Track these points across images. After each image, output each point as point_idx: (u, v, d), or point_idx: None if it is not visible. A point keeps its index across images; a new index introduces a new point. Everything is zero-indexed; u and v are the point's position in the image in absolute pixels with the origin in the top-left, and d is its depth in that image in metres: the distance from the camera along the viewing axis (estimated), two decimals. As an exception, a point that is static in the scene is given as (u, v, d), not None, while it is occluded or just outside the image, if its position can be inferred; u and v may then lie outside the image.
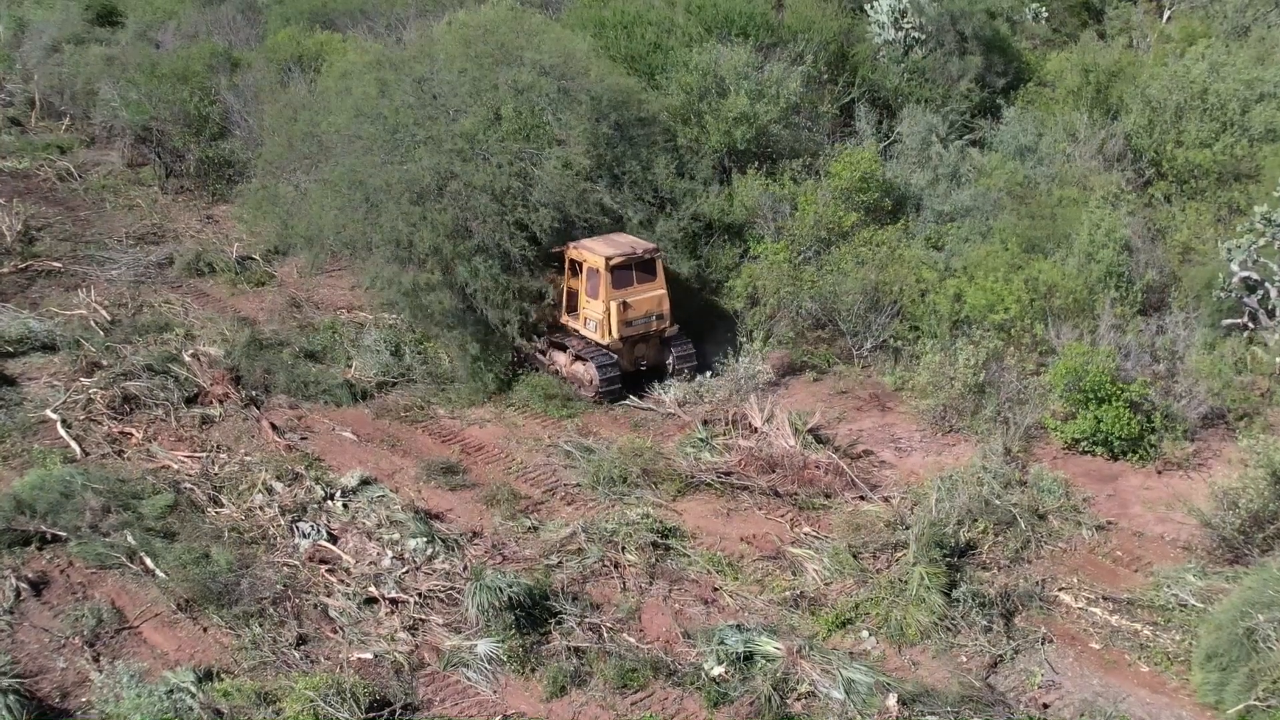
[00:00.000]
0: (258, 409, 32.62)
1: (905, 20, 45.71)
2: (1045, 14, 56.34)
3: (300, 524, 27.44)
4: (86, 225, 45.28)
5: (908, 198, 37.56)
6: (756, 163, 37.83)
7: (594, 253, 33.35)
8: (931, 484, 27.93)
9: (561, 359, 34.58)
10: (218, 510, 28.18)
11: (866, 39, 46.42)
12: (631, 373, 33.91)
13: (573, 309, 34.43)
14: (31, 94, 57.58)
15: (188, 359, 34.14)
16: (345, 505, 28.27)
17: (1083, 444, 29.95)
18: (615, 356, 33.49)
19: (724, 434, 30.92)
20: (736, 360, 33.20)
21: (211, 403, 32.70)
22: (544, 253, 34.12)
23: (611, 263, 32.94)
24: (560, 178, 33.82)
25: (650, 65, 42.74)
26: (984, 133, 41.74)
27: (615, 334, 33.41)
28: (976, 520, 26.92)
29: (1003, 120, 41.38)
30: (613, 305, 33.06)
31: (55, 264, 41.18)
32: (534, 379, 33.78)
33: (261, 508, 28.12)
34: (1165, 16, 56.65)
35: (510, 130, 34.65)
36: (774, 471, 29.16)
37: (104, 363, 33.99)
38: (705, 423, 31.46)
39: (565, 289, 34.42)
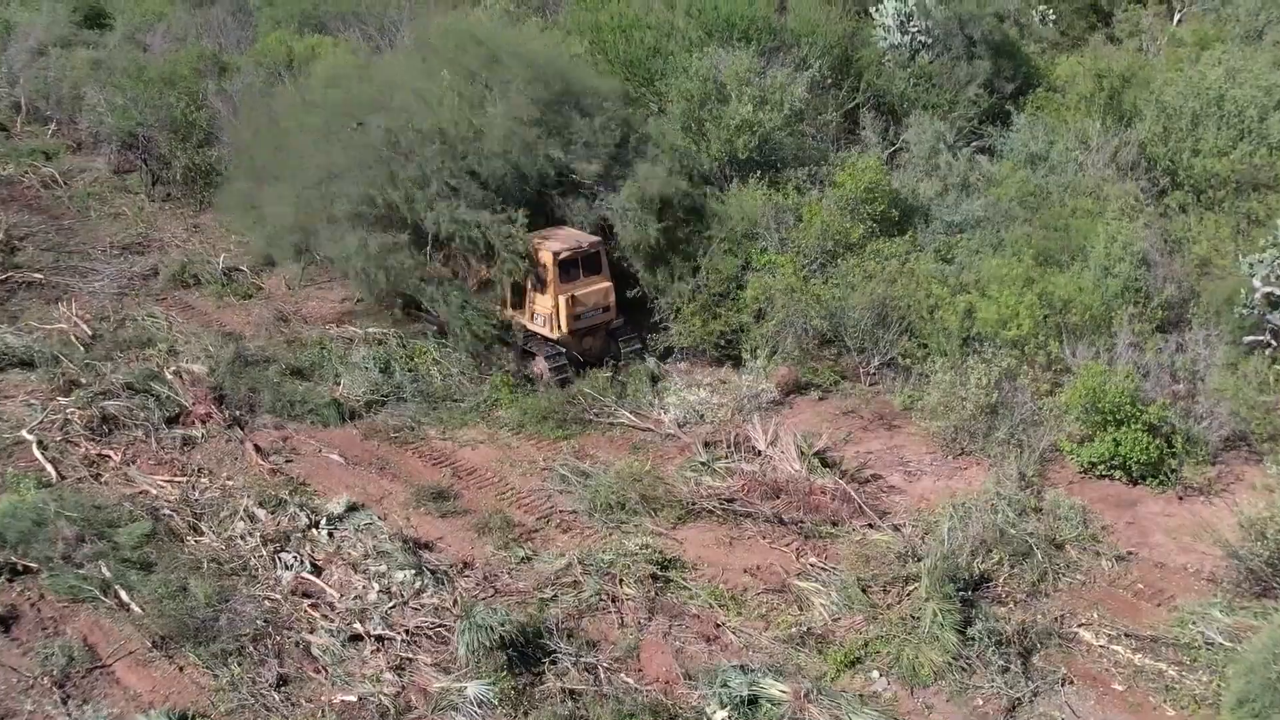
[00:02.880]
0: (242, 430, 31.41)
1: (911, 24, 44.44)
2: (1053, 16, 55.01)
3: (283, 554, 26.28)
4: (70, 234, 44.01)
5: (915, 208, 36.26)
6: (759, 172, 36.52)
7: (541, 248, 33.21)
8: (943, 511, 26.81)
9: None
10: (197, 539, 26.99)
11: (871, 43, 45.11)
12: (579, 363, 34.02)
13: (519, 304, 34.22)
14: (17, 98, 56.27)
15: (170, 377, 32.90)
16: (330, 534, 27.09)
17: (1100, 468, 28.73)
18: (563, 349, 33.62)
19: (726, 456, 29.68)
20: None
21: (193, 423, 31.50)
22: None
23: (559, 257, 33.03)
24: (505, 124, 33.96)
25: (649, 70, 41.53)
26: (993, 140, 40.42)
27: (565, 328, 33.40)
28: (991, 551, 25.77)
29: (1013, 127, 40.01)
30: (561, 300, 33.05)
31: (36, 275, 39.89)
32: (527, 400, 32.46)
33: (243, 536, 26.94)
34: (1176, 19, 55.36)
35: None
36: (778, 497, 27.96)
37: (83, 381, 32.76)
38: (707, 444, 30.25)
39: (511, 284, 34.22)
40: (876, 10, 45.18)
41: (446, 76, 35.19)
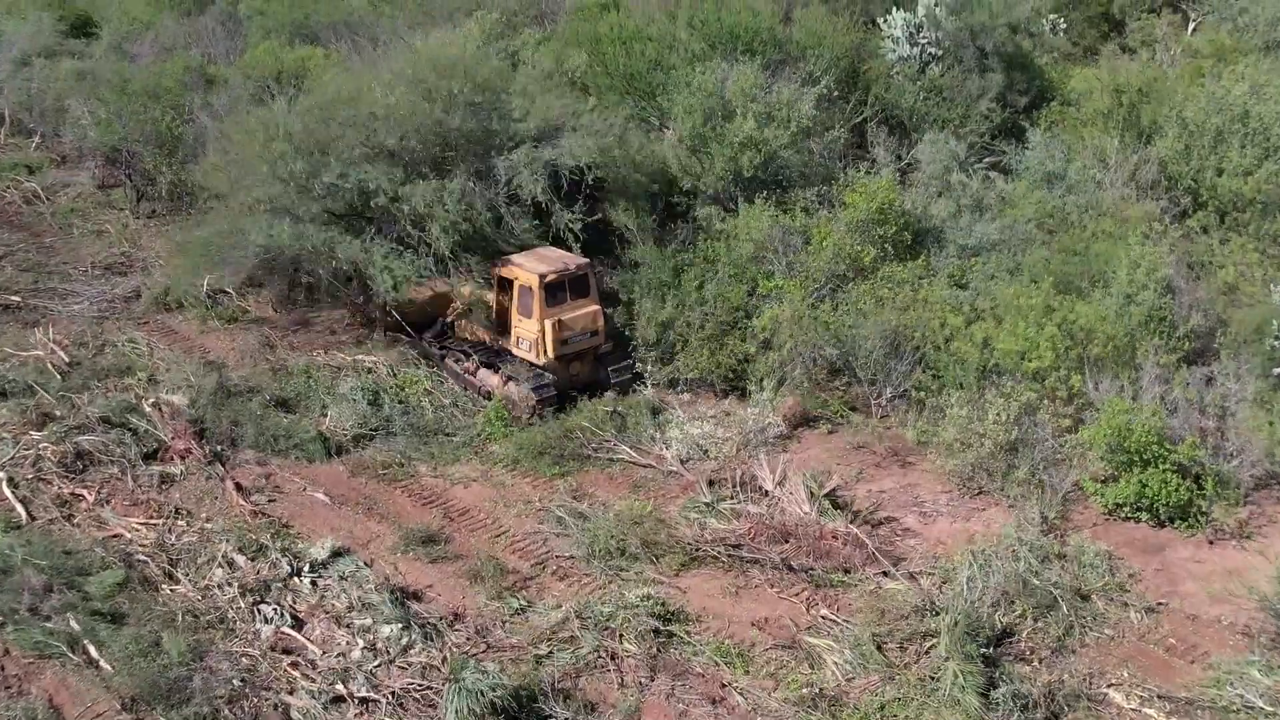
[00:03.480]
0: (223, 466, 29.90)
1: (921, 35, 42.98)
2: (1064, 25, 53.50)
3: (263, 606, 24.74)
4: (51, 253, 42.54)
5: (928, 230, 34.76)
6: (765, 191, 35.06)
7: (525, 270, 32.24)
8: (962, 559, 25.31)
9: (494, 380, 33.11)
10: (172, 588, 25.49)
11: (879, 55, 43.68)
12: (566, 390, 32.77)
13: (504, 328, 33.13)
14: (0, 110, 54.66)
15: (148, 409, 31.35)
16: (314, 583, 25.58)
17: (1125, 509, 27.25)
18: (550, 376, 32.33)
19: (731, 497, 28.13)
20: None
21: (172, 459, 29.99)
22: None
23: (546, 280, 31.82)
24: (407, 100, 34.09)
25: (650, 85, 40.09)
26: (1008, 158, 38.92)
27: (551, 354, 32.25)
28: (1013, 603, 24.30)
29: (1028, 144, 38.50)
30: (547, 324, 31.90)
31: (14, 298, 38.37)
32: (523, 435, 30.95)
33: (221, 585, 25.41)
34: (1190, 28, 53.93)
35: None
36: (787, 541, 26.44)
37: (57, 413, 31.20)
38: (711, 483, 28.70)
39: (495, 307, 33.29)
40: (885, 21, 43.75)
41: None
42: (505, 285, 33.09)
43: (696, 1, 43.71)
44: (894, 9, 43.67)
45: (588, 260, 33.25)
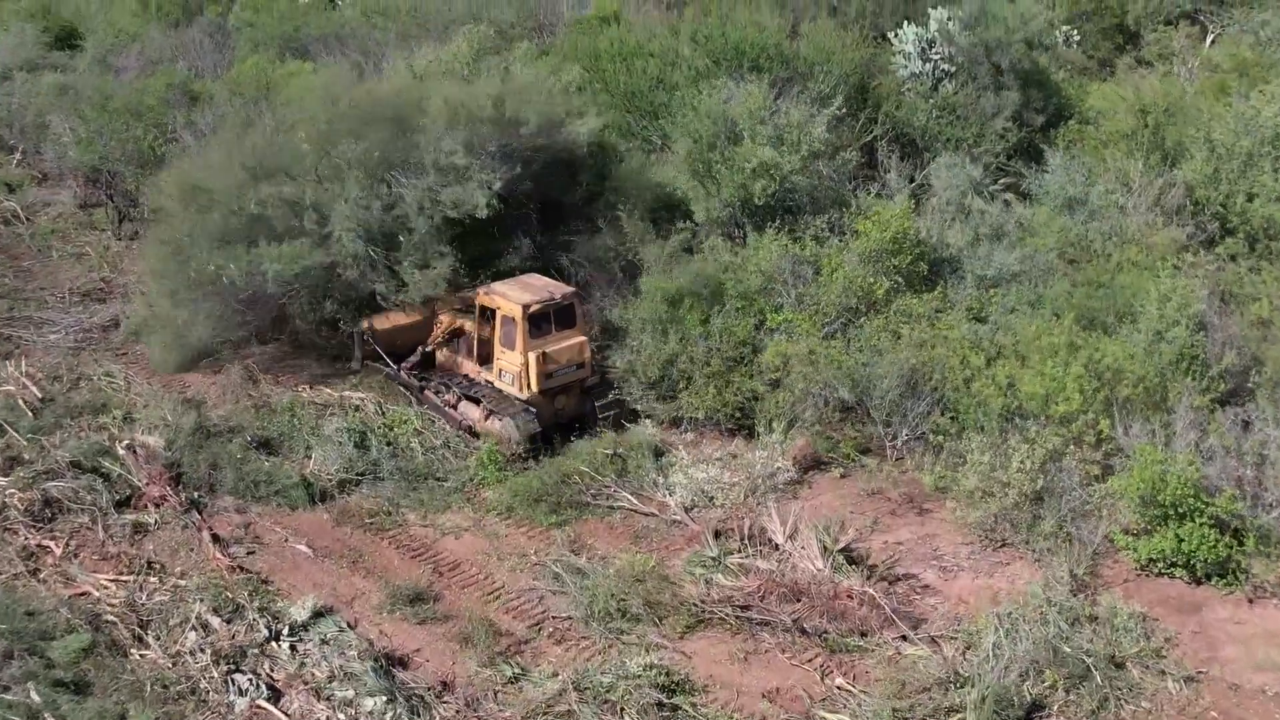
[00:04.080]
0: (199, 514, 28.20)
1: (934, 51, 41.38)
2: (1077, 37, 51.89)
3: (237, 675, 23.01)
4: (29, 277, 40.88)
5: (944, 259, 33.08)
6: (774, 219, 33.38)
7: (508, 299, 30.87)
8: (987, 622, 23.59)
9: (475, 413, 31.60)
10: (141, 653, 23.72)
11: (890, 71, 42.09)
12: (551, 425, 31.16)
13: (485, 360, 31.64)
14: (-19, 125, 53.01)
15: (122, 452, 29.65)
16: (293, 648, 23.85)
17: (1159, 564, 25.57)
18: (534, 410, 30.72)
19: (740, 550, 26.44)
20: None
21: (146, 507, 28.29)
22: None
23: (529, 310, 30.37)
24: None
25: (652, 104, 38.47)
26: (1027, 182, 37.22)
27: (535, 387, 30.72)
28: (1043, 672, 22.58)
29: (1047, 167, 36.79)
30: (531, 357, 30.44)
31: (-14, 327, 36.74)
32: (519, 481, 29.23)
33: (193, 651, 23.63)
34: (1209, 41, 52.27)
35: None
36: (799, 600, 24.79)
37: (26, 457, 29.49)
38: (717, 534, 27.03)
39: (476, 338, 31.90)
40: (895, 36, 42.20)
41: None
42: (487, 315, 31.62)
43: (700, 16, 42.22)
44: (905, 23, 42.12)
45: (574, 289, 31.94)
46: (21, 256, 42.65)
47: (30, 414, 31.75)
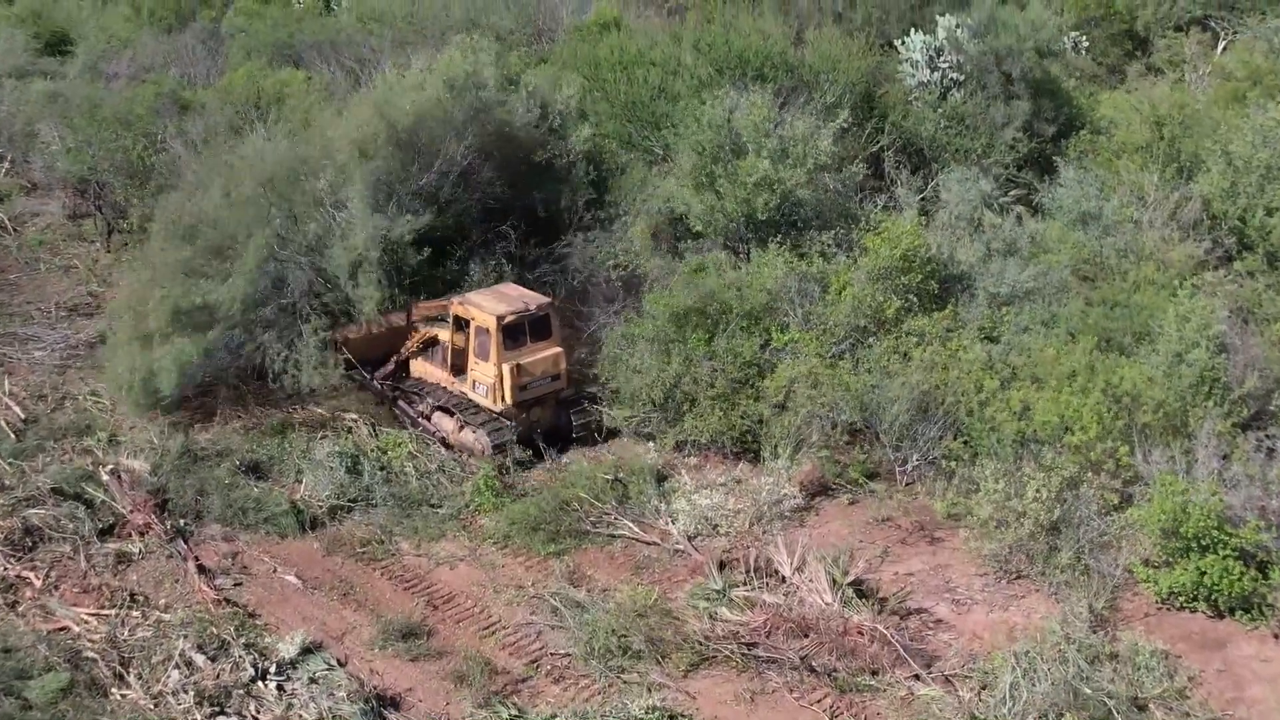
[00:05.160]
0: (185, 543, 27.25)
1: (942, 59, 40.41)
2: (1086, 44, 50.91)
3: (221, 717, 22.11)
4: (15, 291, 39.81)
5: (955, 276, 32.09)
6: (779, 234, 32.42)
7: (482, 309, 30.55)
8: (1003, 661, 22.60)
9: (448, 424, 31.30)
10: (122, 693, 22.81)
11: (897, 80, 41.08)
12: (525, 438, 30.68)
13: (459, 371, 31.33)
14: (-31, 133, 51.84)
15: (105, 477, 28.68)
16: (280, 687, 22.88)
17: (1181, 598, 24.60)
18: (508, 423, 30.41)
19: (745, 582, 25.46)
20: None
21: (130, 535, 27.38)
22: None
23: (504, 321, 30.09)
24: None
25: (654, 114, 37.47)
26: (1040, 195, 36.23)
27: (509, 399, 30.43)
28: (1063, 715, 21.56)
29: (1059, 180, 35.78)
30: (505, 368, 30.17)
31: (-32, 343, 35.73)
32: (516, 508, 28.24)
33: (175, 692, 22.70)
34: (1220, 48, 51.30)
35: None
36: (807, 636, 23.80)
37: (6, 483, 28.54)
38: (722, 565, 26.08)
39: (451, 348, 31.47)
40: (903, 44, 41.18)
41: None
42: (461, 325, 31.05)
43: (703, 23, 41.23)
44: (912, 31, 41.12)
45: (549, 300, 31.42)
46: (8, 269, 41.56)
47: (12, 436, 30.94)
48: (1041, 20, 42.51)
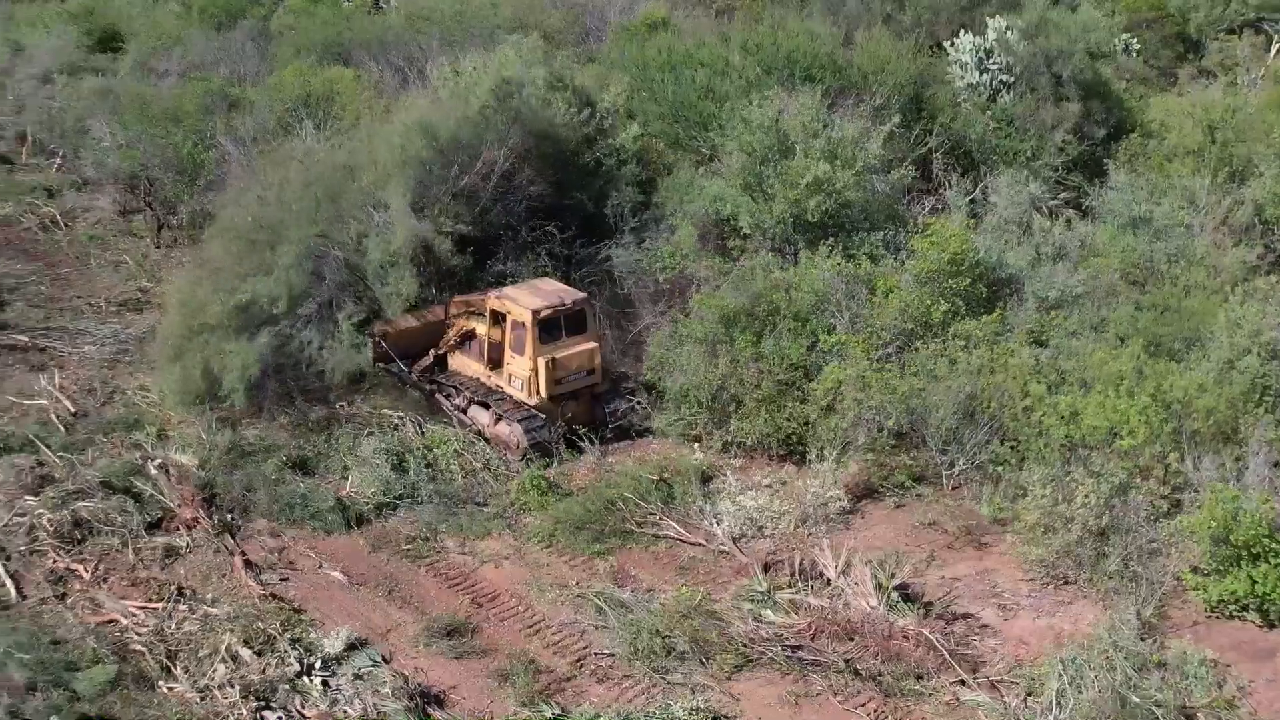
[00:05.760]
0: (232, 538, 27.40)
1: (991, 61, 40.25)
2: (1137, 46, 50.54)
3: (266, 712, 22.16)
4: (66, 286, 40.09)
5: (1003, 280, 31.90)
6: (828, 236, 32.29)
7: (518, 304, 30.60)
8: (1050, 668, 22.44)
9: (484, 418, 31.40)
10: (169, 687, 22.90)
11: (946, 81, 40.90)
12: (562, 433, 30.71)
13: (496, 365, 31.46)
14: (23, 127, 52.29)
15: (154, 471, 28.88)
16: (325, 683, 22.97)
17: (1231, 606, 24.36)
18: (543, 416, 30.42)
19: (790, 585, 25.40)
20: None
21: (178, 529, 27.52)
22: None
23: (539, 315, 30.13)
24: None
25: (701, 114, 37.42)
26: (1090, 199, 35.97)
27: (544, 393, 30.49)
28: (1111, 724, 21.40)
29: (1111, 184, 35.52)
30: (541, 362, 30.18)
31: (21, 338, 35.92)
32: (561, 507, 28.27)
33: (222, 686, 22.79)
34: (1274, 51, 50.88)
35: None
36: (852, 639, 23.75)
37: (56, 475, 28.75)
38: (767, 567, 26.04)
39: (487, 341, 31.57)
40: (952, 45, 41.04)
41: None
42: (498, 319, 31.16)
43: (751, 23, 41.11)
44: (962, 32, 40.95)
45: (585, 295, 31.47)
46: (60, 263, 41.89)
47: (62, 429, 31.11)
48: (1093, 22, 42.33)
